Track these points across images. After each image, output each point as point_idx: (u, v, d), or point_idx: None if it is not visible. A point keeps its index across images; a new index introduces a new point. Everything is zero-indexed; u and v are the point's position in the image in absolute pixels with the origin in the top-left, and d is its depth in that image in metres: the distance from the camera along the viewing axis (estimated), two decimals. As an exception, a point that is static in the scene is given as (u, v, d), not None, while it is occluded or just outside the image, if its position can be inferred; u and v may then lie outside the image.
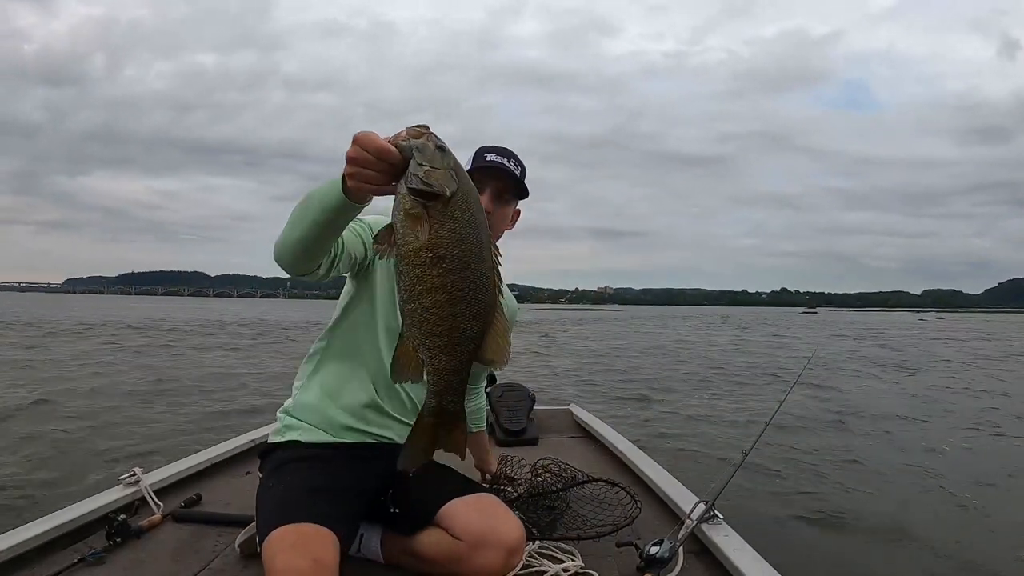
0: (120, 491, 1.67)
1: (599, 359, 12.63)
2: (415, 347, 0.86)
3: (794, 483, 3.96)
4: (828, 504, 3.57)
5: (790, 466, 4.31)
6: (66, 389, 6.89)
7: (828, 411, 6.57)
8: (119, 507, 1.60)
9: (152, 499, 1.65)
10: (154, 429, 4.98)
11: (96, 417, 5.53)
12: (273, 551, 1.10)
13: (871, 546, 3.00)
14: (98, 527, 1.50)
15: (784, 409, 1.75)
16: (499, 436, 2.57)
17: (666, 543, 1.37)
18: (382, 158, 0.84)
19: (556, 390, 7.63)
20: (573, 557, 1.43)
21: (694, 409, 6.73)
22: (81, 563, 1.34)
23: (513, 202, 1.46)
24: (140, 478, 1.71)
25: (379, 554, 1.41)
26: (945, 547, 2.96)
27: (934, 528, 3.20)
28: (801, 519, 3.33)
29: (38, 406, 5.92)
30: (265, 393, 6.93)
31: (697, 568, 1.42)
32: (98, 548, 1.40)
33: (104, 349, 12.12)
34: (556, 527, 1.56)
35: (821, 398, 7.38)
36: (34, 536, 1.38)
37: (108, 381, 7.71)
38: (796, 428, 5.58)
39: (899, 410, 6.83)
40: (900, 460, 4.63)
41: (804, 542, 3.02)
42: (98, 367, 9.16)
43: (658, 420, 6.04)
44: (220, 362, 10.46)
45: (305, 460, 1.34)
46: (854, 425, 5.97)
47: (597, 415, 2.89)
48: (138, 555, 1.42)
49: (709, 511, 1.50)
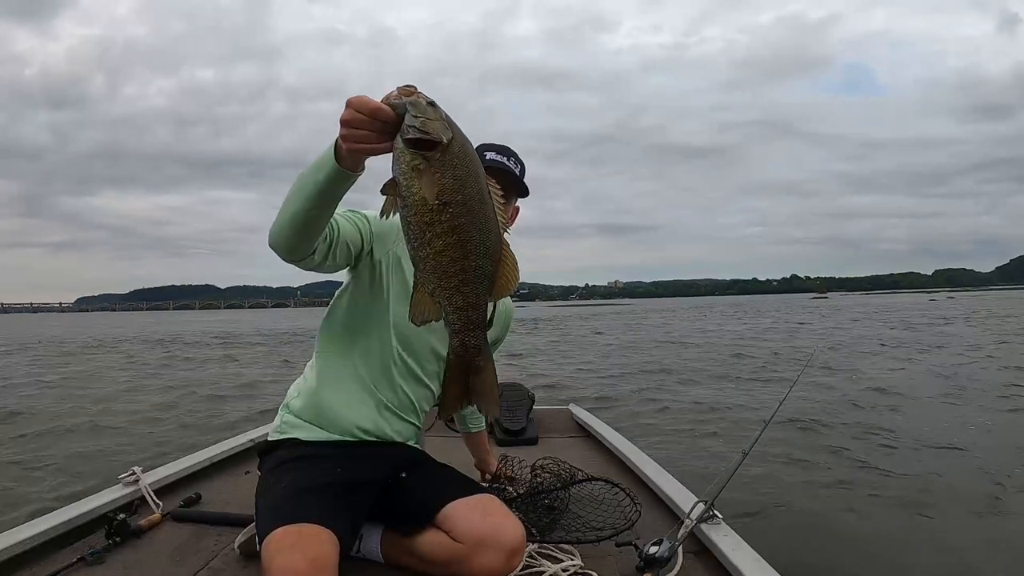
0: (120, 490, 1.67)
1: (613, 354, 12.59)
2: (431, 291, 0.91)
3: (794, 483, 3.96)
4: (828, 504, 3.57)
5: (790, 466, 4.31)
6: (70, 395, 6.89)
7: (829, 411, 6.57)
8: (119, 506, 1.60)
9: (152, 498, 1.65)
10: (155, 428, 5.00)
11: (97, 416, 5.54)
12: (272, 551, 1.11)
13: (871, 546, 2.99)
14: (98, 526, 1.50)
15: (784, 409, 1.75)
16: (499, 436, 2.57)
17: (665, 543, 1.37)
18: (376, 117, 0.87)
19: (572, 390, 7.61)
20: (573, 557, 1.43)
21: (698, 407, 6.73)
22: (81, 562, 1.34)
23: (513, 200, 1.45)
24: (140, 477, 1.71)
25: (379, 554, 1.41)
26: (947, 547, 2.96)
27: (935, 528, 3.20)
28: (801, 519, 3.32)
29: (39, 408, 5.93)
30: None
31: (696, 568, 1.42)
32: (98, 547, 1.40)
33: (122, 363, 12.08)
34: (556, 528, 1.56)
35: (822, 398, 7.38)
36: (34, 535, 1.38)
37: (117, 389, 7.72)
38: (796, 428, 5.58)
39: (902, 408, 6.82)
40: (901, 460, 4.63)
41: (804, 542, 3.01)
42: (114, 376, 9.17)
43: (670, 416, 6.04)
44: (233, 370, 10.43)
45: (305, 459, 1.34)
46: (855, 425, 5.97)
47: (596, 415, 2.89)
48: (137, 554, 1.42)
49: (708, 511, 1.50)
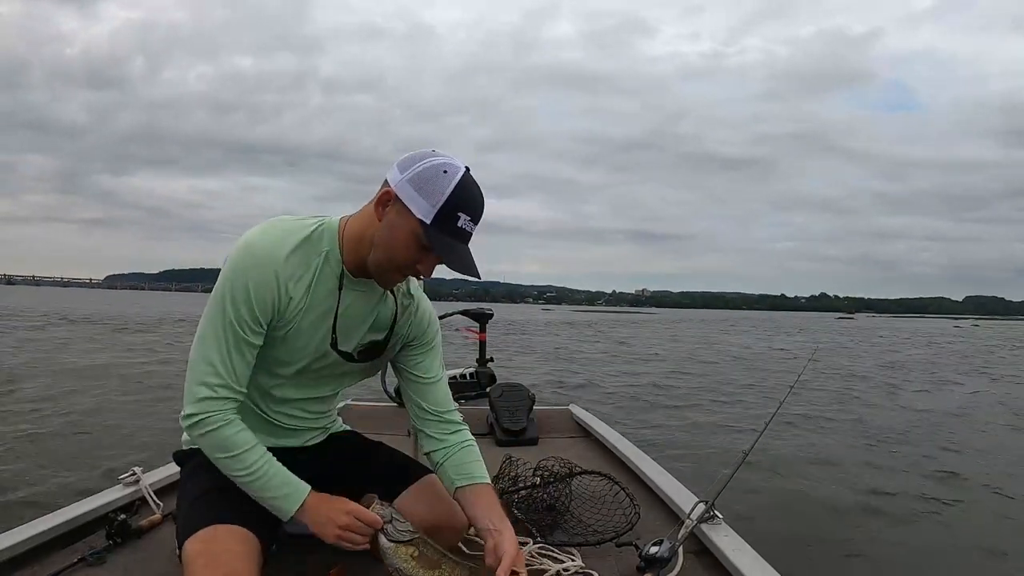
0: (120, 491, 1.67)
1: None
2: None
3: (794, 483, 3.96)
4: (828, 504, 3.57)
5: (790, 466, 4.31)
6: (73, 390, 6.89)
7: (829, 410, 6.57)
8: (119, 507, 1.59)
9: (152, 499, 1.64)
10: (156, 427, 5.00)
11: (98, 417, 5.53)
12: (191, 556, 1.05)
13: (872, 546, 3.00)
14: (98, 527, 1.50)
15: (784, 409, 1.75)
16: (499, 436, 2.58)
17: (666, 543, 1.37)
18: (372, 525, 1.13)
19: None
20: (573, 557, 1.44)
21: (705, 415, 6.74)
22: (81, 563, 1.33)
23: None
24: (140, 477, 1.71)
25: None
26: (948, 547, 2.96)
27: (936, 528, 3.21)
28: (801, 519, 3.33)
29: (41, 403, 5.93)
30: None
31: (697, 568, 1.42)
32: (98, 548, 1.39)
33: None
34: (556, 529, 1.56)
35: (822, 399, 7.39)
36: (34, 535, 1.37)
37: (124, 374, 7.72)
38: (797, 428, 5.59)
39: (902, 414, 6.83)
40: (902, 460, 4.63)
41: (804, 542, 3.01)
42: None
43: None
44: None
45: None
46: (856, 425, 5.98)
47: (597, 415, 2.89)
48: (138, 555, 1.42)
49: (709, 511, 1.50)
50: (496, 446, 2.48)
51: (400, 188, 1.07)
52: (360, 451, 1.45)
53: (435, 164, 1.08)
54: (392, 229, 1.09)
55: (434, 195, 1.06)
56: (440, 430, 1.29)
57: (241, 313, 1.09)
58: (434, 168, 1.07)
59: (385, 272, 1.15)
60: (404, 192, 1.07)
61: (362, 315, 1.22)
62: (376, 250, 1.12)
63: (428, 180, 1.06)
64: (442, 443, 1.28)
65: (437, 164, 1.08)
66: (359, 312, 1.21)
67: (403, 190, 1.07)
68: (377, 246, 1.12)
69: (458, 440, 1.28)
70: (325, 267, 1.15)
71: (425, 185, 1.06)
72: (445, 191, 1.06)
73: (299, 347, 1.19)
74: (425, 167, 1.07)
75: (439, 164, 1.08)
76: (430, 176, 1.06)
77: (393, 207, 1.09)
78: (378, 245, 1.11)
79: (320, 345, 1.20)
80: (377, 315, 1.24)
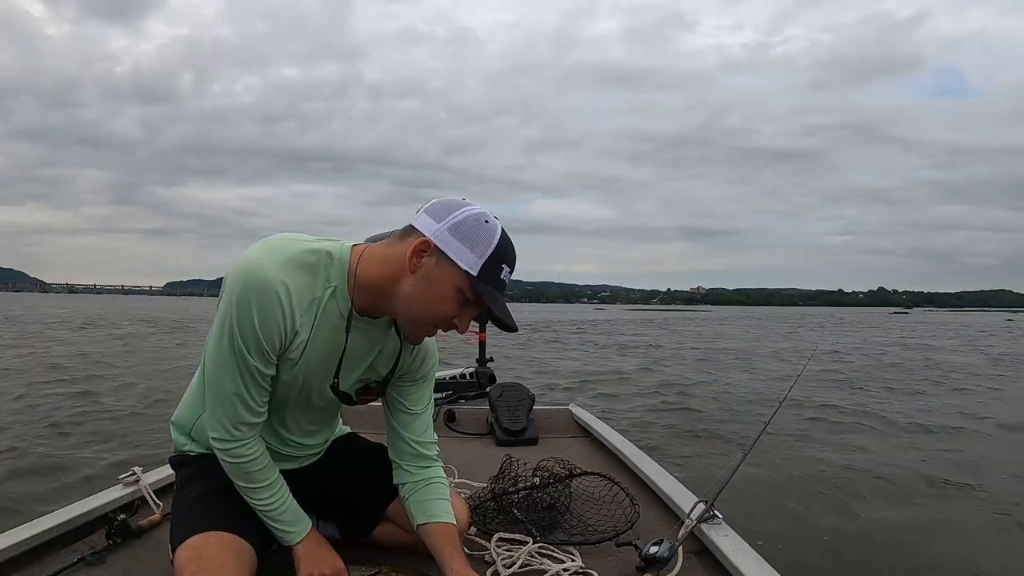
0: (120, 491, 1.67)
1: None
2: None
3: (795, 483, 3.96)
4: (829, 504, 3.57)
5: (791, 466, 4.31)
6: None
7: (830, 410, 6.57)
8: (119, 507, 1.59)
9: (152, 499, 1.64)
10: (155, 426, 5.00)
11: (99, 415, 5.54)
12: (181, 564, 1.05)
13: (872, 546, 3.00)
14: (98, 527, 1.50)
15: (784, 409, 1.75)
16: (499, 436, 2.57)
17: (666, 543, 1.37)
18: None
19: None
20: (573, 557, 1.43)
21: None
22: (81, 563, 1.33)
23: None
24: (140, 477, 1.70)
25: (337, 535, 1.44)
26: (946, 547, 2.96)
27: (937, 528, 3.20)
28: (801, 519, 3.32)
29: (40, 401, 5.94)
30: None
31: (697, 568, 1.41)
32: (98, 548, 1.39)
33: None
34: (556, 529, 1.56)
35: (823, 399, 7.38)
36: (33, 536, 1.37)
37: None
38: (797, 428, 5.58)
39: (910, 412, 6.81)
40: (903, 460, 4.63)
41: (804, 542, 3.01)
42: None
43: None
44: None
45: (215, 467, 1.18)
46: (857, 424, 5.97)
47: (597, 415, 2.89)
48: (138, 555, 1.42)
49: (709, 511, 1.50)
50: (496, 446, 2.48)
51: (440, 238, 1.01)
52: (359, 455, 1.46)
53: (475, 213, 1.02)
54: (431, 281, 1.02)
55: (479, 246, 1.01)
56: (414, 464, 1.27)
57: (250, 350, 1.04)
58: (474, 217, 1.02)
59: (419, 327, 1.08)
60: (445, 242, 1.00)
61: (364, 354, 1.18)
62: (412, 304, 1.04)
63: (471, 230, 1.01)
64: (412, 477, 1.26)
65: (477, 213, 1.03)
66: (361, 351, 1.16)
67: (444, 240, 1.00)
68: (413, 300, 1.04)
69: (426, 476, 1.26)
70: (330, 303, 1.07)
71: (469, 235, 1.01)
72: (491, 242, 1.02)
73: (296, 387, 1.15)
74: (465, 216, 1.02)
75: (478, 213, 1.03)
76: (472, 226, 1.01)
77: (430, 258, 1.01)
78: (414, 299, 1.03)
79: (319, 386, 1.17)
80: (379, 352, 1.20)
